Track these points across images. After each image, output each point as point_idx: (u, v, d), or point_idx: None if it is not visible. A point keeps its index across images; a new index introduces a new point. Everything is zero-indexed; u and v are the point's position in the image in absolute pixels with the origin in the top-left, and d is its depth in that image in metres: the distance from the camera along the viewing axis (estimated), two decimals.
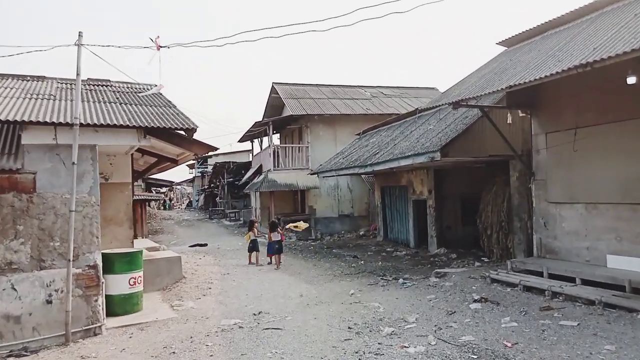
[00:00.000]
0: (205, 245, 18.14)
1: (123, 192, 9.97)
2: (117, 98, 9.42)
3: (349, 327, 6.75)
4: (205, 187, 40.51)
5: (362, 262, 13.22)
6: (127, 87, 10.62)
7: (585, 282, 7.54)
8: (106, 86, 10.43)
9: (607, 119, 7.72)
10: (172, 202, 65.63)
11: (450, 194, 14.35)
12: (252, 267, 12.33)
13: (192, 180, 50.12)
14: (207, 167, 41.99)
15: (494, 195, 11.42)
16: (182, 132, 8.03)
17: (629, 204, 7.48)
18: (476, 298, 7.83)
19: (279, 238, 12.65)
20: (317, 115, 20.96)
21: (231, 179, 30.93)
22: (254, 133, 24.38)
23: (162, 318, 7.60)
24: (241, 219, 29.48)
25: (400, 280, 9.99)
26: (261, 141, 25.54)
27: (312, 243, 18.56)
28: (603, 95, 7.85)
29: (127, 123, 7.30)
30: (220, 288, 9.72)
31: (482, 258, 12.52)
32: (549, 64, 6.64)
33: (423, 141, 11.13)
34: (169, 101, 9.83)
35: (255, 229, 13.08)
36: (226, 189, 32.52)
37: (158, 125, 7.62)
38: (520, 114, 9.43)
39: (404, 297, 8.44)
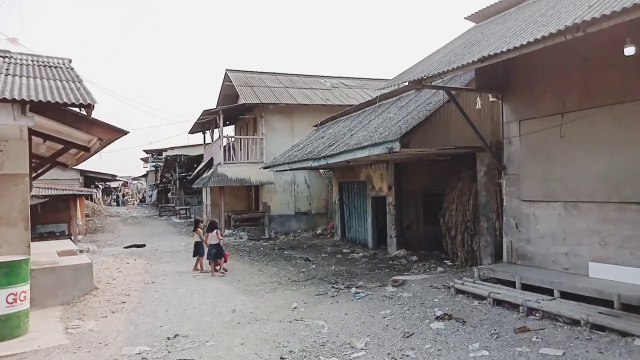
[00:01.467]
0: (143, 246, 16.29)
1: (17, 186, 8.14)
2: (6, 69, 7.63)
3: (281, 358, 5.32)
4: (158, 182, 38.16)
5: (315, 265, 11.82)
6: (28, 59, 8.79)
7: (565, 295, 6.38)
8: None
9: (594, 102, 6.59)
10: (126, 198, 62.45)
11: (412, 191, 13.16)
12: (187, 275, 10.68)
13: (145, 175, 47.40)
14: (161, 161, 39.64)
15: (459, 192, 10.25)
16: (79, 110, 6.37)
17: (617, 202, 6.37)
18: (439, 314, 6.54)
19: (216, 241, 11.02)
20: (272, 105, 19.40)
21: (183, 174, 28.91)
22: (205, 123, 22.58)
23: (47, 346, 5.93)
24: (192, 216, 27.55)
25: (353, 290, 8.63)
26: (212, 132, 23.73)
27: (264, 243, 17.04)
28: (589, 73, 6.71)
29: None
30: (137, 302, 8.07)
31: (445, 261, 11.38)
32: (530, 31, 5.39)
33: (382, 130, 9.82)
34: (77, 75, 8.10)
35: (201, 230, 11.38)
36: (178, 184, 30.46)
37: (42, 99, 5.93)
38: (491, 99, 8.25)
39: (354, 313, 7.08)
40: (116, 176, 28.35)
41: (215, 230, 11.00)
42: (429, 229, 13.40)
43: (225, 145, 19.84)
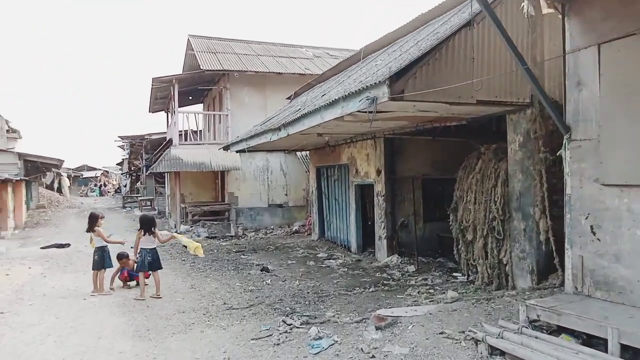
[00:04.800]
0: (67, 246, 12.85)
1: None
2: None
3: None
4: (128, 170, 34.60)
5: (272, 279, 8.44)
6: None
7: None
8: None
9: None
10: (107, 187, 58.77)
11: (408, 176, 9.77)
12: (76, 298, 7.21)
13: (120, 164, 43.83)
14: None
15: (480, 176, 6.86)
16: None
17: None
18: None
19: (153, 245, 7.59)
20: (239, 74, 15.88)
21: (148, 159, 25.40)
22: (166, 100, 19.07)
23: None
24: (156, 208, 24.10)
25: (313, 331, 5.25)
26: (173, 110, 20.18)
27: (224, 243, 13.62)
28: None
29: None
30: None
31: (455, 274, 8.05)
32: None
33: (362, 79, 6.40)
34: None
35: (100, 229, 7.78)
36: (144, 172, 26.96)
37: None
38: (546, 10, 4.83)
39: None
40: (63, 161, 24.76)
41: (153, 229, 7.55)
42: (432, 227, 10.06)
43: (180, 123, 16.35)
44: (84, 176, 52.30)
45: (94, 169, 59.12)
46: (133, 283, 8.08)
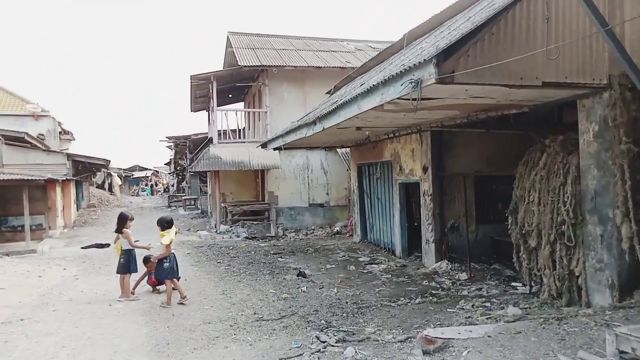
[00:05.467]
0: (107, 246, 12.79)
1: None
2: None
3: None
4: (173, 170, 35.18)
5: (308, 286, 7.80)
6: None
7: None
8: None
9: None
10: (157, 187, 60.48)
11: (458, 173, 8.85)
12: (101, 304, 6.85)
13: (168, 163, 44.77)
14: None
15: (545, 172, 5.90)
16: None
17: None
18: None
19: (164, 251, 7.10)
20: (277, 69, 15.39)
21: (191, 159, 25.53)
22: (207, 99, 18.92)
23: None
24: (200, 207, 24.15)
25: (349, 351, 4.56)
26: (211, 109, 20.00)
27: (262, 244, 13.16)
28: None
29: None
30: None
31: (514, 284, 7.12)
32: None
33: (406, 62, 5.61)
34: None
35: (128, 231, 7.41)
36: (188, 171, 27.16)
37: None
38: None
39: None
40: (109, 162, 25.28)
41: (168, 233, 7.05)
42: (485, 230, 9.10)
43: (219, 121, 16.05)
44: (134, 176, 54.01)
45: (145, 169, 61.06)
46: (163, 287, 7.68)
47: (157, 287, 7.65)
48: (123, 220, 7.33)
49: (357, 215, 12.77)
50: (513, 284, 7.21)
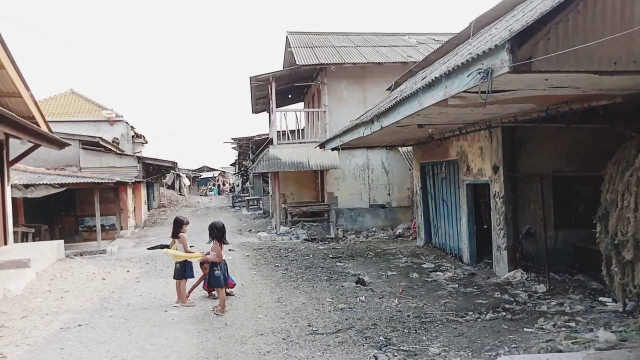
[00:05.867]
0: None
1: None
2: None
3: None
4: (238, 171, 35.97)
5: (367, 295, 7.35)
6: None
7: None
8: None
9: None
10: (225, 187, 62.52)
11: (534, 173, 7.99)
12: (157, 309, 6.81)
13: (233, 164, 45.98)
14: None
15: None
16: None
17: None
18: None
19: (215, 256, 6.90)
20: (336, 66, 15.02)
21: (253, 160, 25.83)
22: (267, 99, 18.95)
23: None
24: (262, 207, 24.34)
25: None
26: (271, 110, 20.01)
27: (321, 247, 12.85)
28: None
29: None
30: None
31: (602, 299, 6.24)
32: None
33: (474, 51, 4.99)
34: None
35: (184, 236, 7.30)
36: (249, 172, 27.54)
37: None
38: None
39: None
40: (176, 163, 26.16)
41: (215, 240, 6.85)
42: (565, 236, 8.16)
43: (278, 122, 15.95)
44: (202, 177, 56.07)
45: (213, 169, 63.33)
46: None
47: (213, 292, 7.53)
48: (179, 225, 7.26)
49: (420, 218, 12.10)
50: (601, 298, 6.32)
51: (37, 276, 7.92)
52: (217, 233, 6.77)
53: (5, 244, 9.83)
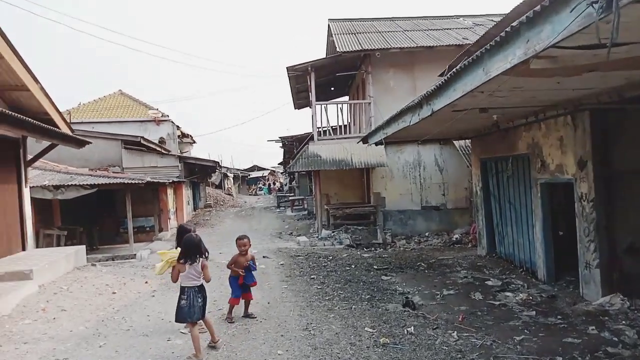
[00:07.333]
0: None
1: None
2: None
3: None
4: (284, 170, 35.07)
5: (419, 321, 5.87)
6: None
7: None
8: None
9: None
10: (275, 186, 62.27)
11: (634, 170, 6.15)
12: (163, 339, 5.67)
13: (281, 163, 45.31)
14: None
15: None
16: None
17: None
18: None
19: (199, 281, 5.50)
20: (381, 52, 13.48)
21: None
22: (305, 93, 17.71)
23: None
24: (307, 208, 23.16)
25: None
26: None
27: (366, 254, 11.41)
28: None
29: None
30: None
31: None
32: None
33: None
34: None
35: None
36: (287, 171, 26.46)
37: None
38: None
39: None
40: (217, 163, 25.55)
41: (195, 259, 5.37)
42: None
43: (318, 117, 14.62)
44: (251, 176, 56.01)
45: (263, 169, 63.31)
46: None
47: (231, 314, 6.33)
48: (183, 234, 6.08)
49: (481, 223, 10.37)
50: None
51: (38, 290, 7.07)
52: (192, 251, 5.28)
53: (24, 249, 9.19)
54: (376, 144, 9.91)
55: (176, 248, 6.23)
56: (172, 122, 27.79)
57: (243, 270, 6.27)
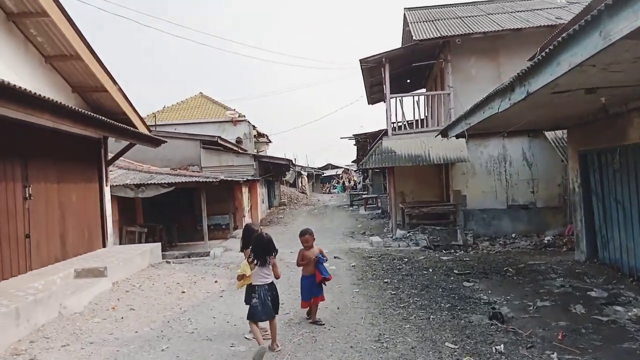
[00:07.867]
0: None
1: None
2: None
3: None
4: (357, 167, 34.50)
5: (509, 338, 5.08)
6: None
7: None
8: None
9: None
10: (350, 184, 61.98)
11: None
12: (226, 344, 5.41)
13: (355, 161, 44.80)
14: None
15: None
16: None
17: None
18: None
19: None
20: (461, 38, 12.48)
21: None
22: (379, 86, 17.03)
23: None
24: (380, 206, 22.43)
25: None
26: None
27: (445, 257, 10.56)
28: None
29: None
30: None
31: None
32: None
33: None
34: None
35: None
36: (359, 168, 25.80)
37: None
38: None
39: None
40: (290, 161, 25.53)
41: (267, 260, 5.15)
42: None
43: (393, 110, 13.88)
44: (324, 174, 56.13)
45: (337, 167, 63.32)
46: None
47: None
48: (249, 234, 5.78)
49: (580, 224, 9.11)
50: None
51: (112, 287, 7.18)
52: (263, 250, 5.11)
53: (104, 246, 9.51)
54: (457, 136, 9.03)
55: (241, 250, 6.00)
56: (248, 122, 28.38)
57: (316, 257, 5.91)
